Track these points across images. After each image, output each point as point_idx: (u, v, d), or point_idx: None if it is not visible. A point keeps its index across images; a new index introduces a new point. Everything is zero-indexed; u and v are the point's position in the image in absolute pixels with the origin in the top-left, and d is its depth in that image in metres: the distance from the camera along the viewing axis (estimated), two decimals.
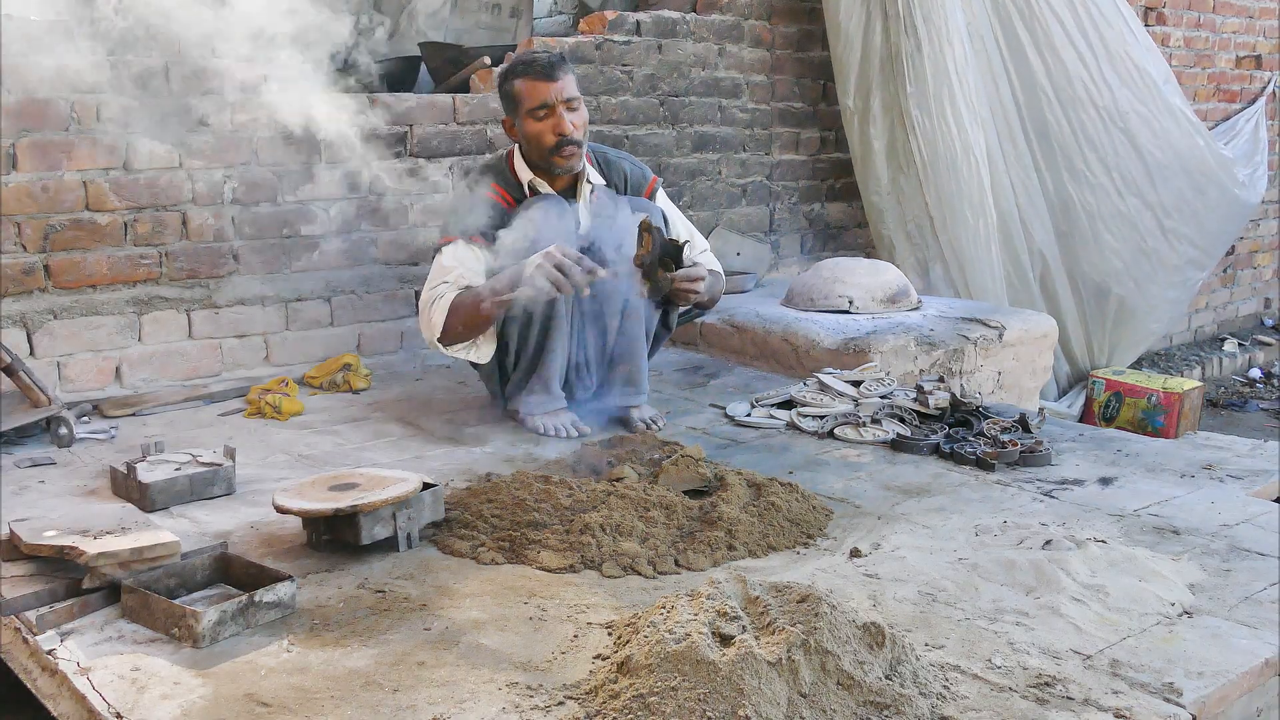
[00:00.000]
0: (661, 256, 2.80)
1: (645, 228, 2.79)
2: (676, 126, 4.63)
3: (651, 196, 3.17)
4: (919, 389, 3.22)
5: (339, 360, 3.64)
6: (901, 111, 4.73)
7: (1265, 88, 7.36)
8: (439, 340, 2.95)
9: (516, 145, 3.09)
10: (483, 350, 3.02)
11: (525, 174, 3.05)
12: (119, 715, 1.62)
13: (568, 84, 2.95)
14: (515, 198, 3.03)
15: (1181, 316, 6.47)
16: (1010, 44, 5.09)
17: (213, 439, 2.95)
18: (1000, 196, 5.09)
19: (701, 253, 3.27)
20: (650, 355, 3.24)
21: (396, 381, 3.71)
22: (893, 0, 4.62)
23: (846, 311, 4.02)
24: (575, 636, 1.85)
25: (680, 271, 2.86)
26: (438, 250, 3.02)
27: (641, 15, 4.51)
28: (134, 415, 3.24)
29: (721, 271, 3.31)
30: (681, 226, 3.25)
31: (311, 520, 2.20)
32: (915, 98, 4.69)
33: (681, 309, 3.21)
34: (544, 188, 3.04)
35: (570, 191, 3.08)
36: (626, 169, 3.19)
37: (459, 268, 2.94)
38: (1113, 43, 5.36)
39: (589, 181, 3.09)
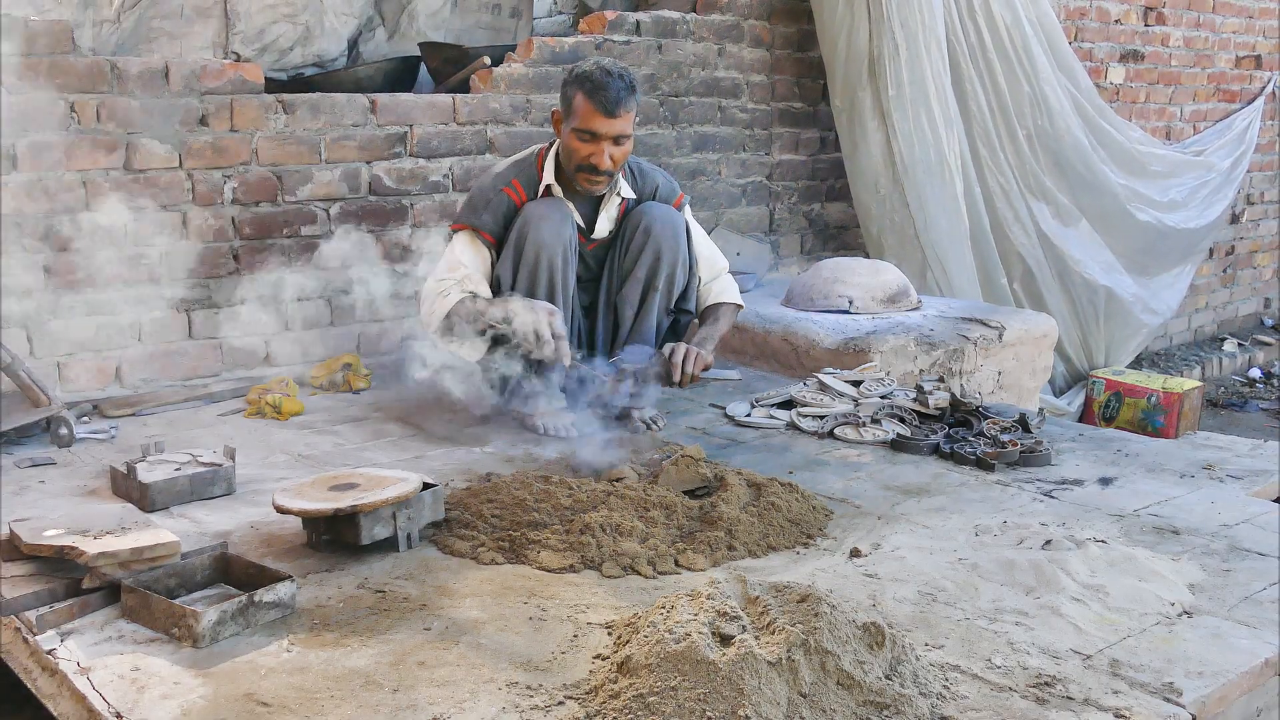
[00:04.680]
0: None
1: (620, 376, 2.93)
2: (676, 126, 4.63)
3: (679, 211, 3.17)
4: (919, 389, 3.22)
5: (339, 360, 3.64)
6: (884, 114, 4.75)
7: (1265, 88, 7.36)
8: (434, 332, 2.99)
9: (555, 142, 3.07)
10: (474, 350, 3.02)
11: (548, 176, 3.04)
12: (119, 715, 1.62)
13: (624, 122, 2.90)
14: (530, 197, 3.04)
15: (1172, 311, 6.46)
16: (984, 53, 5.10)
17: (213, 439, 2.95)
18: (974, 200, 5.10)
19: (718, 277, 3.26)
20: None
21: (396, 381, 3.70)
22: (876, 3, 4.63)
23: (846, 311, 4.02)
24: (575, 636, 1.85)
25: (680, 377, 2.91)
26: (450, 236, 3.07)
27: (641, 15, 4.51)
28: (134, 415, 3.24)
29: (737, 300, 3.29)
30: (704, 245, 3.26)
31: (311, 520, 2.20)
32: (895, 101, 4.70)
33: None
34: (558, 192, 3.04)
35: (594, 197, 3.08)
36: (659, 181, 3.20)
37: (467, 266, 2.98)
38: (1064, 56, 5.48)
39: (618, 194, 3.09)
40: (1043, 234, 5.45)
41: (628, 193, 3.11)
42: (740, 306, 3.31)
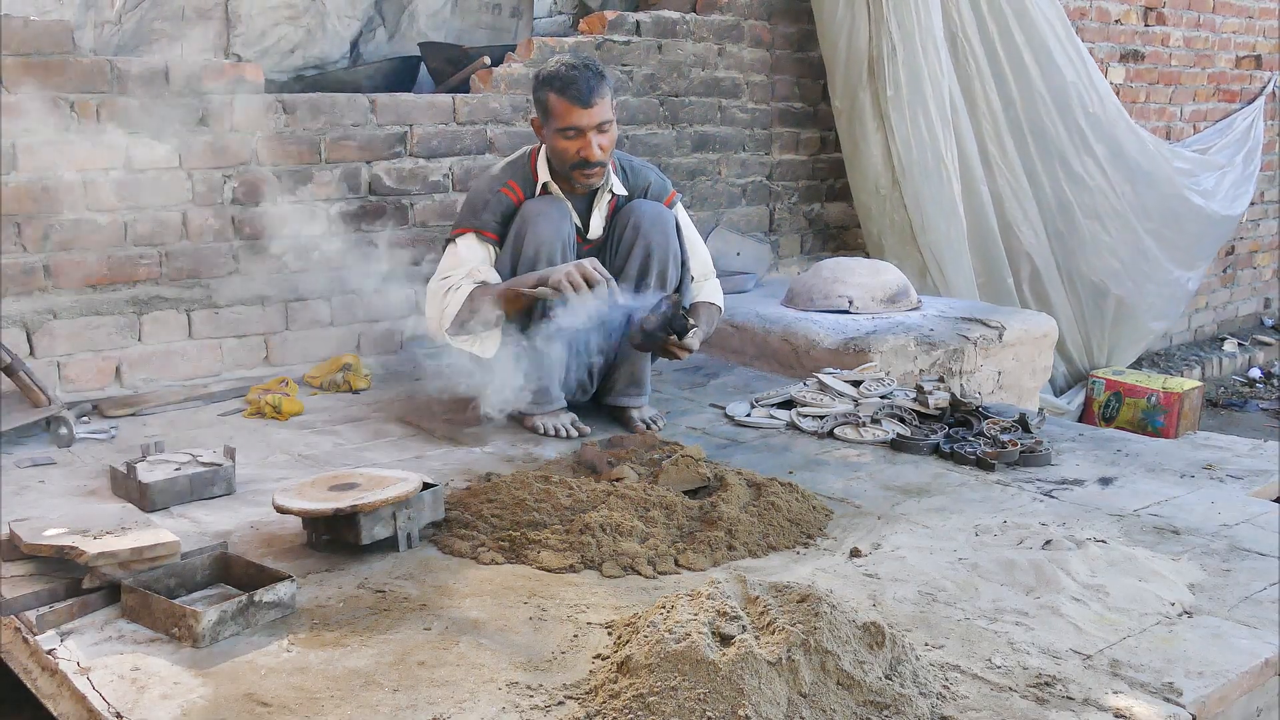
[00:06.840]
0: (665, 324, 2.88)
1: (675, 304, 2.87)
2: (676, 126, 4.63)
3: (670, 208, 3.16)
4: (919, 389, 3.22)
5: (339, 360, 3.63)
6: (882, 114, 4.74)
7: (1265, 88, 7.36)
8: (447, 330, 2.94)
9: (542, 144, 3.07)
10: (487, 345, 3.01)
11: (543, 175, 3.04)
12: (119, 715, 1.62)
13: (602, 109, 2.89)
14: (527, 196, 3.04)
15: (1179, 315, 6.47)
16: (1007, 48, 5.09)
17: (213, 439, 2.95)
18: (980, 201, 5.09)
19: (706, 280, 3.26)
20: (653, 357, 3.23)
21: (396, 381, 3.71)
22: (876, 3, 4.62)
23: (846, 311, 4.02)
24: (575, 636, 1.85)
25: (683, 340, 2.90)
26: (450, 240, 3.05)
27: (641, 15, 4.51)
28: (134, 415, 3.24)
29: (721, 304, 3.30)
30: (697, 244, 3.25)
31: (311, 520, 2.20)
32: (893, 102, 4.70)
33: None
34: (556, 191, 3.04)
35: (588, 194, 3.07)
36: (651, 178, 3.19)
37: (473, 261, 2.96)
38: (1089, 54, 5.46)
39: (611, 192, 3.08)
40: (1058, 233, 5.43)
41: (619, 190, 3.10)
42: (721, 310, 3.31)
